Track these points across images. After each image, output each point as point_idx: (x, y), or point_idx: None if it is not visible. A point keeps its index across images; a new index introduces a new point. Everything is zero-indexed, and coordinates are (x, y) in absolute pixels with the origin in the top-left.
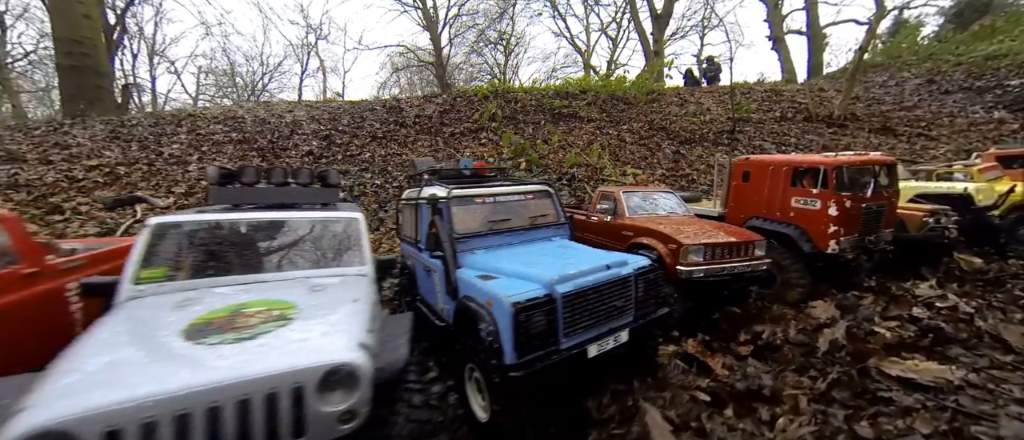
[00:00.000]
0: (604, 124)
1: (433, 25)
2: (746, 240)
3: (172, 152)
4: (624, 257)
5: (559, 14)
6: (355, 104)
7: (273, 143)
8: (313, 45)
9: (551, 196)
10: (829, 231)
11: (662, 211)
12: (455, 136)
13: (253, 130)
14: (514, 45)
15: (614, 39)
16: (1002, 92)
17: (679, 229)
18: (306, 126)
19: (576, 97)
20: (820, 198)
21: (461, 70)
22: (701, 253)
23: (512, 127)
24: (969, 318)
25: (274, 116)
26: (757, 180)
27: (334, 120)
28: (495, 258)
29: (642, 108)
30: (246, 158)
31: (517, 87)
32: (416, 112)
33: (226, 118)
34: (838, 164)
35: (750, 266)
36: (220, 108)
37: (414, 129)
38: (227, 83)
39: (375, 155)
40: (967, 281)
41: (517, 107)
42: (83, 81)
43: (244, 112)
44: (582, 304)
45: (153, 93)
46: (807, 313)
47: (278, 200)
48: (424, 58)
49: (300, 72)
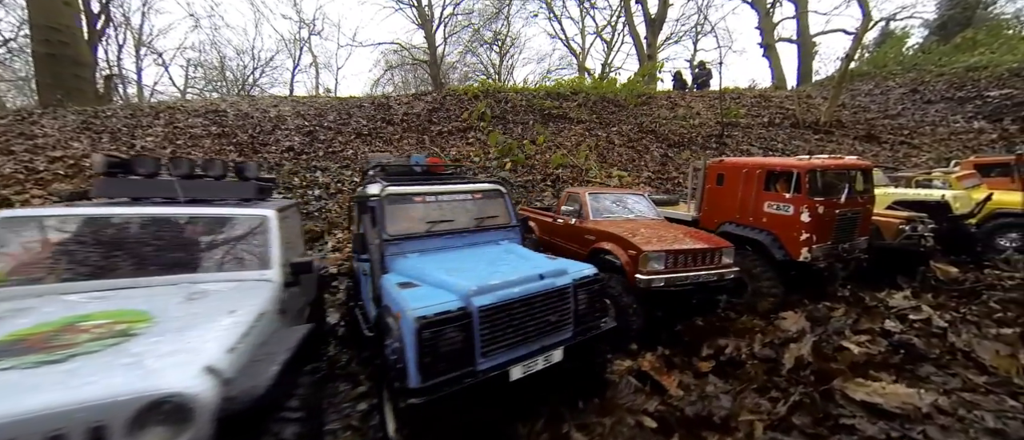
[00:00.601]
0: (594, 126)
1: (428, 23)
2: (713, 247)
3: (145, 145)
4: (564, 266)
5: (555, 16)
6: (343, 100)
7: (254, 138)
8: (305, 40)
9: (503, 196)
10: (801, 238)
11: (630, 215)
12: (443, 135)
13: (234, 124)
14: (509, 46)
15: (609, 42)
16: (982, 102)
17: (641, 234)
18: (290, 121)
19: (567, 98)
20: (793, 203)
21: (456, 69)
22: (662, 260)
23: (501, 127)
24: (942, 333)
25: (258, 110)
26: (731, 183)
27: (320, 116)
28: (426, 263)
29: (632, 111)
30: (223, 152)
31: (508, 87)
32: (405, 110)
33: (207, 111)
34: (811, 167)
35: (717, 275)
36: (201, 101)
37: (401, 127)
38: (217, 77)
39: (359, 152)
40: (942, 291)
41: (507, 107)
42: (61, 70)
43: (227, 106)
44: (505, 319)
45: (139, 85)
46: (776, 325)
47: (184, 195)
48: (418, 56)
49: (292, 67)
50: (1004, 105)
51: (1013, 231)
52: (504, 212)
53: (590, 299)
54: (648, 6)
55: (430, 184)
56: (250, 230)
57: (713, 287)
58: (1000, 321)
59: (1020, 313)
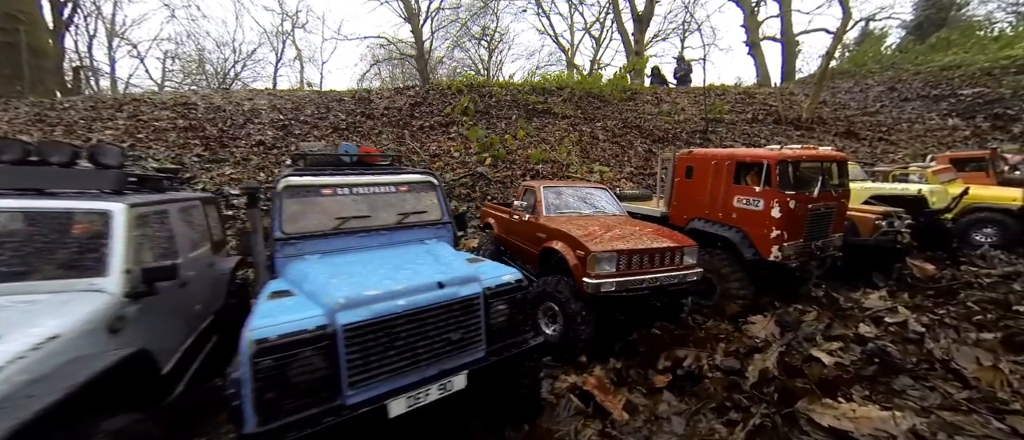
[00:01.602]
0: (578, 121)
1: (414, 17)
2: (673, 246)
3: (102, 138)
4: (475, 271)
5: (543, 11)
6: (323, 94)
7: (223, 131)
8: (288, 33)
9: (435, 189)
10: (772, 235)
11: (588, 210)
12: (424, 130)
13: (203, 118)
14: (498, 41)
15: (597, 39)
16: (956, 100)
17: (593, 233)
18: (265, 115)
19: (553, 94)
20: (763, 198)
21: (444, 64)
22: (614, 262)
23: (485, 122)
24: (920, 338)
25: (231, 104)
26: (700, 176)
27: (297, 110)
28: (319, 267)
29: (617, 106)
30: (188, 146)
31: (493, 81)
32: (386, 104)
33: (176, 104)
34: (782, 158)
35: (676, 278)
36: (171, 93)
37: (381, 121)
38: (196, 70)
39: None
40: (919, 290)
41: (491, 102)
42: (19, 59)
43: (198, 98)
44: (383, 339)
45: (112, 77)
46: (744, 330)
47: (13, 184)
48: (405, 51)
49: (275, 61)
50: (976, 103)
51: (988, 225)
52: (436, 207)
53: (511, 310)
54: (635, 3)
55: (353, 175)
56: (86, 229)
57: (673, 290)
58: (979, 324)
59: (999, 315)
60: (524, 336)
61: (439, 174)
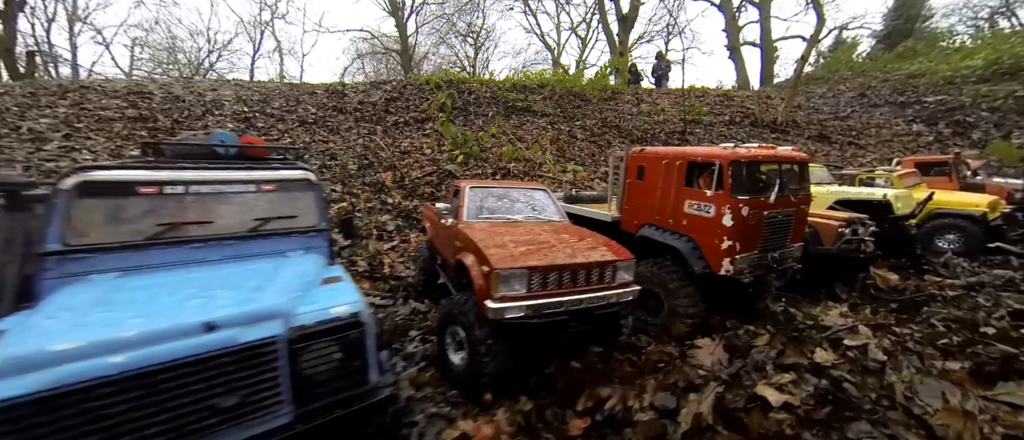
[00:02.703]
0: (558, 119)
1: (398, 11)
2: (604, 261)
3: (34, 127)
4: (282, 303)
5: (530, 10)
6: (295, 86)
7: (178, 122)
8: (267, 24)
9: (313, 189)
10: (723, 246)
11: (519, 215)
12: (398, 126)
13: (158, 107)
14: (484, 38)
15: (583, 39)
16: (920, 107)
17: (505, 244)
18: (228, 106)
19: (533, 92)
20: (714, 202)
21: (429, 60)
22: (524, 281)
23: (462, 119)
24: (880, 368)
25: (193, 94)
26: (651, 177)
27: (264, 102)
28: (90, 293)
29: (597, 105)
30: (131, 138)
31: (472, 78)
32: (361, 98)
33: (129, 93)
34: (735, 158)
35: (606, 298)
36: (125, 81)
37: (353, 116)
38: (167, 59)
39: (296, 142)
40: (883, 302)
41: (470, 98)
42: None
43: (156, 87)
44: (76, 418)
45: (74, 64)
46: (688, 357)
47: None
48: (390, 45)
49: (252, 52)
50: (939, 110)
51: (951, 232)
52: (311, 211)
53: (344, 354)
54: (620, 4)
55: (193, 170)
56: None
57: (602, 314)
58: (945, 349)
59: (965, 338)
60: (363, 387)
61: (404, 172)
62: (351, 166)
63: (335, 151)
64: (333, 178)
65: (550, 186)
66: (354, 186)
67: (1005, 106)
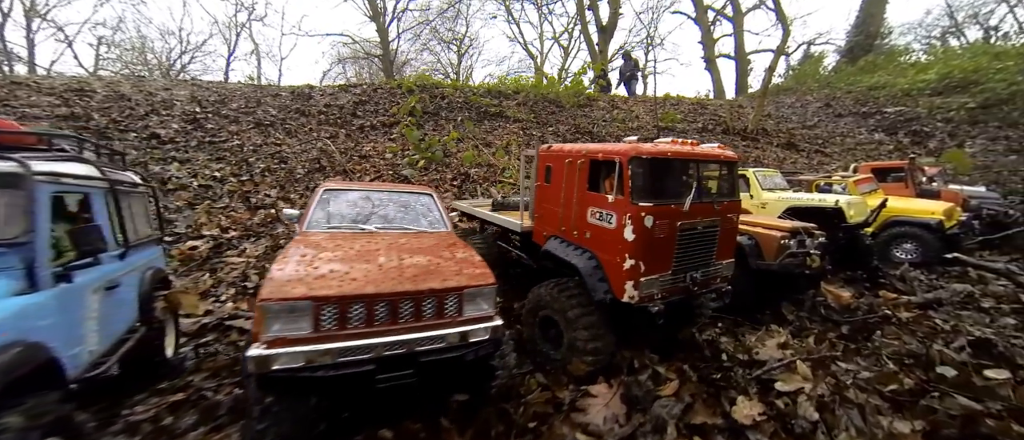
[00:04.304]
0: (530, 125)
1: (380, 16)
2: (442, 290)
3: None
4: None
5: (513, 19)
6: (259, 87)
7: (115, 122)
8: (243, 25)
9: (25, 188)
10: (624, 266)
11: (376, 224)
12: (364, 130)
13: (97, 106)
14: (467, 46)
15: (565, 48)
16: (881, 117)
17: (304, 264)
18: (179, 107)
19: (508, 97)
20: (615, 210)
21: (411, 66)
22: (308, 316)
23: (433, 123)
24: (812, 430)
25: (142, 93)
26: (557, 179)
27: (221, 103)
28: None
29: (571, 112)
30: None
31: (445, 82)
32: (327, 101)
33: (67, 90)
34: (635, 153)
35: (440, 339)
36: (65, 79)
37: (317, 119)
38: (136, 59)
39: (245, 144)
40: (831, 325)
41: (443, 103)
42: None
43: (101, 85)
44: None
45: (31, 62)
46: (577, 409)
47: None
48: (371, 50)
49: (227, 54)
50: (898, 120)
51: (908, 241)
52: (19, 218)
53: None
54: (599, 14)
55: None
56: None
57: (437, 361)
58: (895, 398)
59: (919, 382)
60: None
61: (359, 176)
62: (299, 170)
63: (286, 154)
64: (275, 182)
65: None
66: (293, 191)
67: (958, 117)
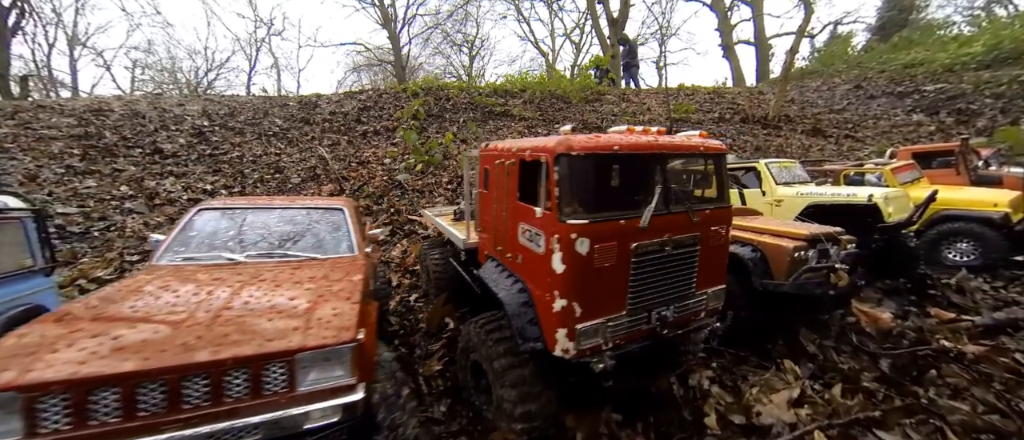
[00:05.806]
0: (537, 123)
1: (390, 23)
2: (253, 357)
3: None
4: None
5: (523, 18)
6: (268, 99)
7: (124, 139)
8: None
9: None
10: (553, 308)
11: (246, 254)
12: (367, 135)
13: (111, 124)
14: (479, 47)
15: (577, 44)
16: (919, 96)
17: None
18: (190, 121)
19: (514, 96)
20: (543, 229)
21: (424, 70)
22: (15, 418)
23: (437, 125)
24: None
25: (156, 110)
26: (493, 186)
27: (229, 115)
28: None
29: (579, 108)
30: (61, 156)
31: (450, 84)
32: (333, 109)
33: (87, 111)
34: (566, 150)
35: (239, 431)
36: (86, 100)
37: (321, 127)
38: (167, 79)
39: (244, 155)
40: (867, 362)
41: (447, 105)
42: None
43: (119, 105)
44: None
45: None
46: None
47: None
48: (384, 57)
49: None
50: (939, 99)
51: (963, 240)
52: None
53: None
54: (610, 7)
55: None
56: None
57: None
58: None
59: None
60: None
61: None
62: (294, 179)
63: (284, 164)
64: (265, 193)
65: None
66: None
67: (1010, 92)
